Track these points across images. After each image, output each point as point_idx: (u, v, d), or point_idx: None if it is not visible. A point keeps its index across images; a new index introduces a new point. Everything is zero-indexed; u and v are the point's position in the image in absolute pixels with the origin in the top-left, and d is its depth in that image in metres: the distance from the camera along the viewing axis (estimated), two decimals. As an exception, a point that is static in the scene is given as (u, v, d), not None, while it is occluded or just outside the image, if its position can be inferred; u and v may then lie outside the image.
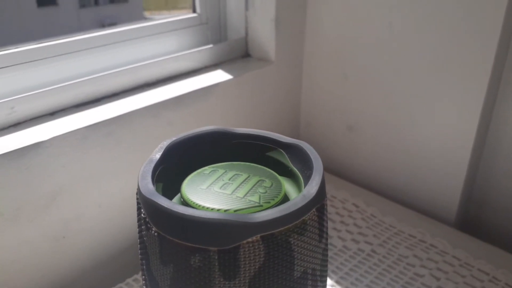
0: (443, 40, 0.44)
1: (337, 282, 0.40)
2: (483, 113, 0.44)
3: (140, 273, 0.40)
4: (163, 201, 0.18)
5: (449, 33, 0.43)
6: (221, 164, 0.23)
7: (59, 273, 0.39)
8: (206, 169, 0.22)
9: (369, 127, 0.53)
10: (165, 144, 0.22)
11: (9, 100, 0.36)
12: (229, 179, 0.21)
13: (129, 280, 0.40)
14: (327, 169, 0.59)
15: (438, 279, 0.40)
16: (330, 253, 0.43)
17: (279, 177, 0.22)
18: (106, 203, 0.40)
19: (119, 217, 0.42)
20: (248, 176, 0.22)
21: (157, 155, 0.21)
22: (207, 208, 0.19)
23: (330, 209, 0.50)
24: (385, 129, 0.51)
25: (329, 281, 0.40)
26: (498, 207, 0.48)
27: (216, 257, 0.17)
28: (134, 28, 0.46)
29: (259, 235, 0.17)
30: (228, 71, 0.49)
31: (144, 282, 0.21)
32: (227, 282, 0.17)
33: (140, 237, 0.20)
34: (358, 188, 0.54)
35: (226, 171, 0.22)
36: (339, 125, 0.55)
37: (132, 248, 0.44)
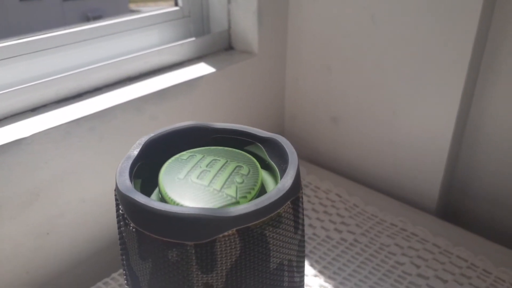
0: (424, 33, 0.44)
1: (320, 271, 0.41)
2: (462, 103, 0.45)
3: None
4: (140, 198, 0.18)
5: (430, 26, 0.44)
6: (200, 149, 0.23)
7: (44, 269, 0.39)
8: (184, 154, 0.23)
9: (352, 118, 0.53)
10: (143, 140, 0.22)
11: (-12, 96, 0.36)
12: (207, 166, 0.21)
13: (115, 274, 0.41)
14: (312, 160, 0.60)
15: (418, 266, 0.41)
16: (313, 243, 0.44)
17: (256, 162, 0.22)
18: (90, 198, 0.40)
19: (103, 212, 0.42)
20: (226, 162, 0.22)
21: (135, 152, 0.21)
22: (185, 206, 0.19)
23: (313, 199, 0.51)
24: (368, 120, 0.52)
25: (312, 271, 0.41)
26: (478, 195, 0.50)
27: (193, 251, 0.17)
28: (115, 23, 0.45)
29: (234, 229, 0.17)
30: (211, 64, 0.49)
31: (125, 277, 0.21)
32: (204, 275, 0.18)
33: (120, 233, 0.20)
34: (341, 178, 0.54)
35: (204, 156, 0.22)
36: (323, 117, 0.56)
37: (117, 242, 0.44)
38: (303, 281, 0.22)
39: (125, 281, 0.21)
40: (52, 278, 0.40)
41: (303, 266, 0.22)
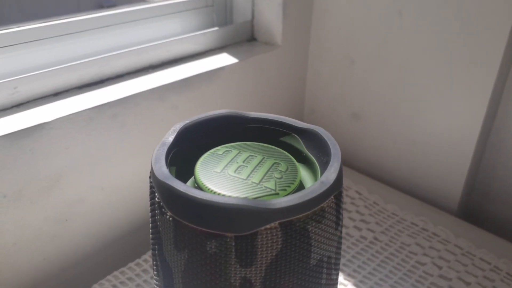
0: (453, 29, 0.43)
1: (340, 269, 0.40)
2: (490, 104, 0.43)
3: (151, 258, 0.40)
4: (179, 185, 0.17)
5: (459, 23, 0.42)
6: (235, 144, 0.22)
7: (61, 256, 0.38)
8: (219, 149, 0.22)
9: (374, 114, 0.52)
10: (177, 127, 0.21)
11: (12, 80, 0.35)
12: (244, 161, 0.21)
13: (131, 264, 0.40)
14: (329, 156, 0.59)
15: (440, 267, 0.40)
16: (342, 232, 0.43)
17: (294, 160, 0.21)
18: (109, 186, 0.40)
19: (122, 200, 0.41)
20: (263, 158, 0.21)
21: (170, 138, 0.21)
22: (223, 195, 0.19)
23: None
24: (391, 117, 0.51)
25: (332, 268, 0.40)
26: (501, 196, 0.48)
27: (233, 244, 0.17)
28: (139, 9, 0.45)
29: (277, 222, 0.17)
30: (233, 54, 0.48)
31: (155, 268, 0.20)
32: (243, 269, 0.17)
33: (153, 221, 0.19)
34: (361, 176, 0.53)
35: (240, 151, 0.22)
36: (344, 112, 0.55)
37: (135, 232, 0.43)
38: (338, 278, 0.21)
39: (155, 272, 0.21)
40: (69, 265, 0.39)
41: (339, 264, 0.21)
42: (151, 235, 0.20)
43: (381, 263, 0.41)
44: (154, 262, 0.20)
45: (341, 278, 0.39)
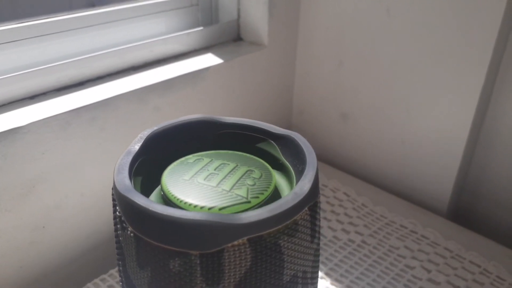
0: (442, 28, 0.42)
1: (327, 274, 0.39)
2: (479, 104, 0.43)
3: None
4: (140, 199, 0.16)
5: (448, 22, 0.42)
6: (207, 152, 0.21)
7: (39, 264, 0.37)
8: (190, 158, 0.21)
9: (363, 115, 0.51)
10: (145, 134, 0.20)
11: (-16, 82, 0.34)
12: (215, 169, 0.20)
13: (113, 271, 0.39)
14: (319, 157, 0.58)
15: (429, 271, 0.40)
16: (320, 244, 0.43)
17: (270, 167, 0.20)
18: (89, 192, 0.39)
19: (102, 206, 0.40)
20: (236, 166, 0.20)
21: (136, 146, 0.19)
22: (189, 204, 0.17)
23: (320, 198, 0.49)
24: (380, 118, 0.50)
25: (318, 273, 0.39)
26: (491, 198, 0.48)
27: (198, 262, 0.16)
28: (121, 9, 0.44)
29: (245, 238, 0.16)
30: (219, 55, 0.47)
31: (121, 284, 0.19)
32: (209, 288, 0.16)
33: (116, 236, 0.18)
34: (350, 177, 0.53)
35: (212, 160, 0.20)
36: (333, 113, 0.54)
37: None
38: (315, 292, 0.20)
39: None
40: (47, 273, 0.38)
41: (317, 277, 0.20)
42: (116, 250, 0.19)
43: (369, 267, 0.40)
44: (120, 278, 0.19)
45: (328, 283, 0.38)
